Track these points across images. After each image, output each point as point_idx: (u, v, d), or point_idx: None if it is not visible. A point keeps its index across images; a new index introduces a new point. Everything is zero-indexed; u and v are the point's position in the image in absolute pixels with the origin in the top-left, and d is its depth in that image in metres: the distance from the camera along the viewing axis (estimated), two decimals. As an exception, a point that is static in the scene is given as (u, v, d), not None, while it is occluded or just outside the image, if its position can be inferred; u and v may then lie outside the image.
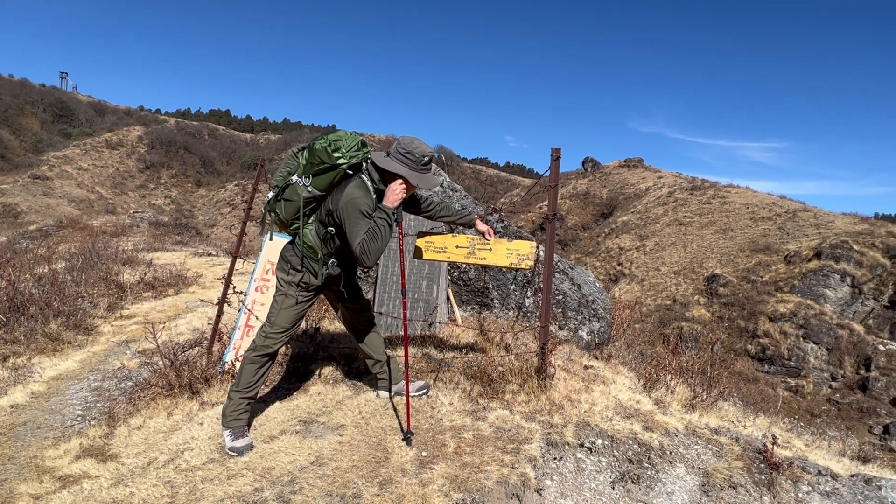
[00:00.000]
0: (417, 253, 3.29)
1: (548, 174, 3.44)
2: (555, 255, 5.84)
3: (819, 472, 3.26)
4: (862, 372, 17.32)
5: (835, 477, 3.26)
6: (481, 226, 3.18)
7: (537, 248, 3.34)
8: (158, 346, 3.84)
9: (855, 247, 21.88)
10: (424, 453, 2.68)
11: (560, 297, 5.00)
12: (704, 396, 3.77)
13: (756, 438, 3.39)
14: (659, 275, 28.45)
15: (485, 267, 4.67)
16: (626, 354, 5.75)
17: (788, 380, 19.11)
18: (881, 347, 17.88)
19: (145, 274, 8.37)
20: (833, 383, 17.77)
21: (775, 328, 21.01)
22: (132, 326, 5.91)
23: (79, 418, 3.48)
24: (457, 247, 3.21)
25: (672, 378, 3.96)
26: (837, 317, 20.04)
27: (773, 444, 3.27)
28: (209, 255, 11.65)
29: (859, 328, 19.26)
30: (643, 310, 26.13)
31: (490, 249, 3.16)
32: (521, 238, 5.20)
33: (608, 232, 35.44)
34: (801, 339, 19.99)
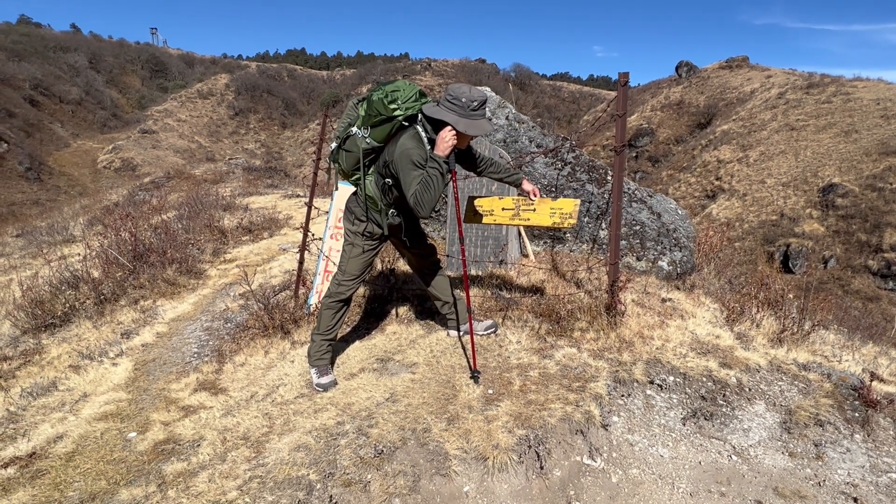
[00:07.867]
0: (467, 217, 3.33)
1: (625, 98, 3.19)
2: (633, 183, 5.52)
3: (926, 410, 3.00)
4: None
5: (945, 415, 2.99)
6: (527, 185, 3.09)
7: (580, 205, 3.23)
8: (252, 292, 4.24)
9: None
10: (490, 391, 2.81)
11: (637, 227, 4.77)
12: (795, 329, 3.52)
13: (852, 374, 3.15)
14: (764, 188, 25.92)
15: (529, 227, 4.58)
16: (715, 282, 5.45)
17: (917, 298, 17.22)
18: None
19: (242, 219, 9.08)
20: (974, 301, 15.74)
21: (905, 241, 18.74)
22: (234, 269, 6.52)
23: (195, 355, 4.01)
24: (503, 209, 3.22)
25: (759, 310, 3.72)
26: None
27: (872, 379, 3.04)
28: (297, 196, 12.32)
29: None
30: (745, 227, 24.25)
31: (534, 210, 3.11)
32: (592, 167, 4.93)
33: (705, 144, 32.48)
34: (937, 251, 17.73)
